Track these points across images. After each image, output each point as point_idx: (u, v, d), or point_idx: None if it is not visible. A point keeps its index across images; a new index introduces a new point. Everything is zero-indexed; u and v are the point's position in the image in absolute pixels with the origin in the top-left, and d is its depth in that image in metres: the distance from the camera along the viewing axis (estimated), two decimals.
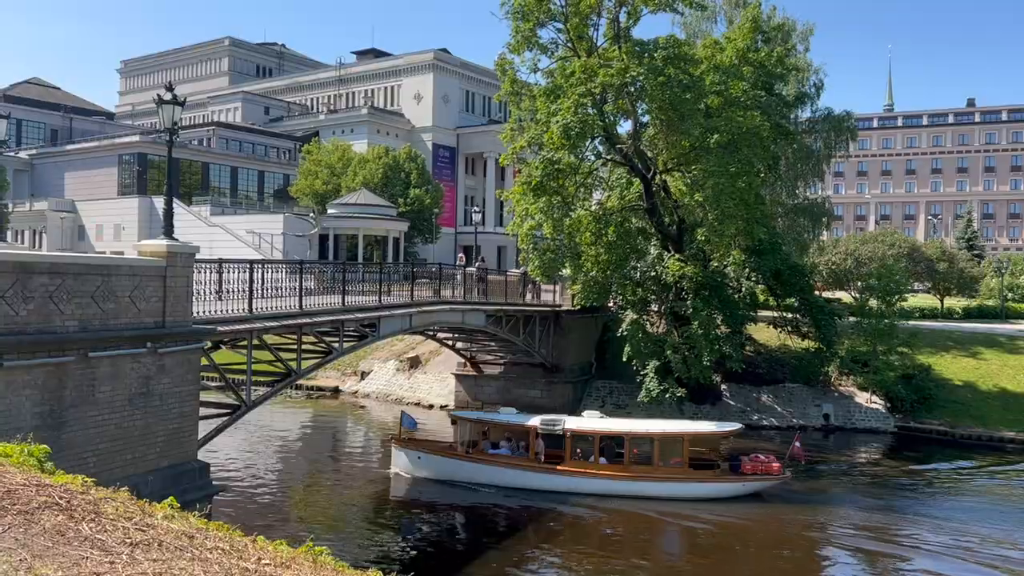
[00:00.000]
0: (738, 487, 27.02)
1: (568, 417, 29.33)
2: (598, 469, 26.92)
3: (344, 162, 64.03)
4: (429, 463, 28.39)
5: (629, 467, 26.89)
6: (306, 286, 23.17)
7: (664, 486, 26.62)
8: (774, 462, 27.29)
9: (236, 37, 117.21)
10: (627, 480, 26.66)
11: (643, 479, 26.62)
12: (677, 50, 33.42)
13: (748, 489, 27.13)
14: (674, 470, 26.91)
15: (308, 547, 6.96)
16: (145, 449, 15.34)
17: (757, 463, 27.25)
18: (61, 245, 74.87)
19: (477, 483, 27.44)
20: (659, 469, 26.84)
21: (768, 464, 27.23)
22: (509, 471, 27.52)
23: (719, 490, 26.93)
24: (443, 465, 28.08)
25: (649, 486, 26.51)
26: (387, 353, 48.67)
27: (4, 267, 12.80)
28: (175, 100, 17.24)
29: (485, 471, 27.68)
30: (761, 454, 28.27)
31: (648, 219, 38.37)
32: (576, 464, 27.09)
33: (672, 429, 28.61)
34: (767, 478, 27.22)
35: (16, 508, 5.52)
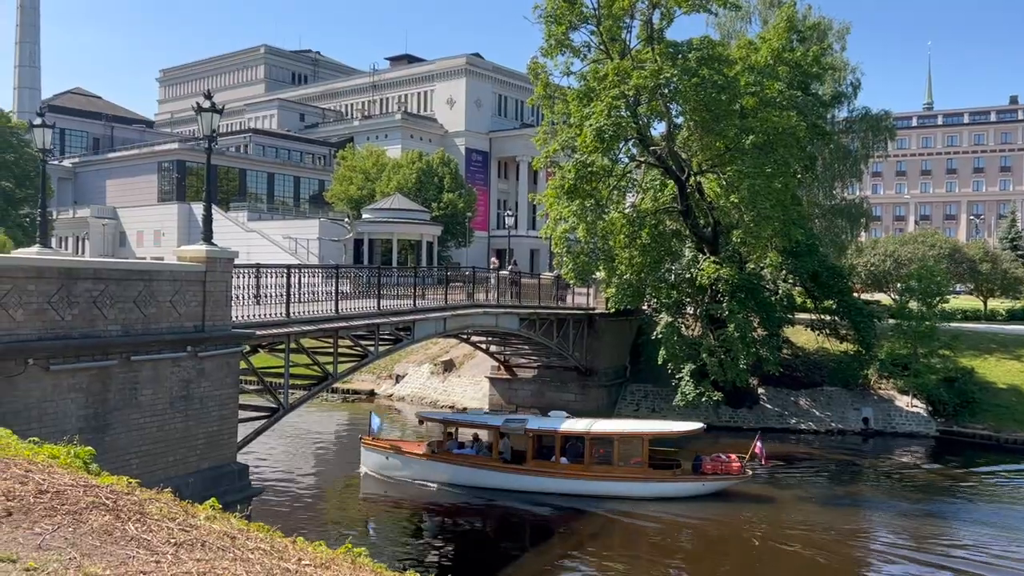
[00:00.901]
0: (698, 486, 27.27)
1: (532, 417, 30.09)
2: (559, 469, 27.28)
3: (378, 167, 64.54)
4: (396, 463, 28.84)
5: (590, 467, 27.20)
6: (341, 290, 23.39)
7: (623, 485, 26.94)
8: (734, 462, 27.52)
9: (272, 45, 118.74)
10: (587, 480, 26.96)
11: (603, 479, 26.95)
12: (711, 51, 33.19)
13: (708, 489, 27.31)
14: (634, 470, 27.24)
15: (347, 548, 7.03)
16: (186, 451, 15.59)
17: (717, 463, 27.56)
18: (103, 251, 76.42)
19: (442, 483, 27.84)
20: (619, 469, 27.22)
21: (728, 464, 27.49)
22: (473, 471, 27.90)
23: (678, 489, 27.21)
24: (410, 465, 28.52)
25: (609, 485, 26.85)
26: (421, 357, 48.90)
27: (50, 273, 13.11)
28: (214, 108, 17.52)
29: (450, 471, 28.09)
30: (723, 454, 28.47)
31: (682, 221, 38.11)
32: (538, 464, 27.50)
33: (632, 429, 28.95)
34: (727, 478, 27.46)
35: (65, 508, 5.65)
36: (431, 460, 28.41)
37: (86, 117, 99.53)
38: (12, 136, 69.25)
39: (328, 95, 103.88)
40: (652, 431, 28.67)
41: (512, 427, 28.12)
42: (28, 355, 12.50)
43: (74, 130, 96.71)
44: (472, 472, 27.79)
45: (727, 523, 25.40)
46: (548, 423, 29.03)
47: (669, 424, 31.31)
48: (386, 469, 28.99)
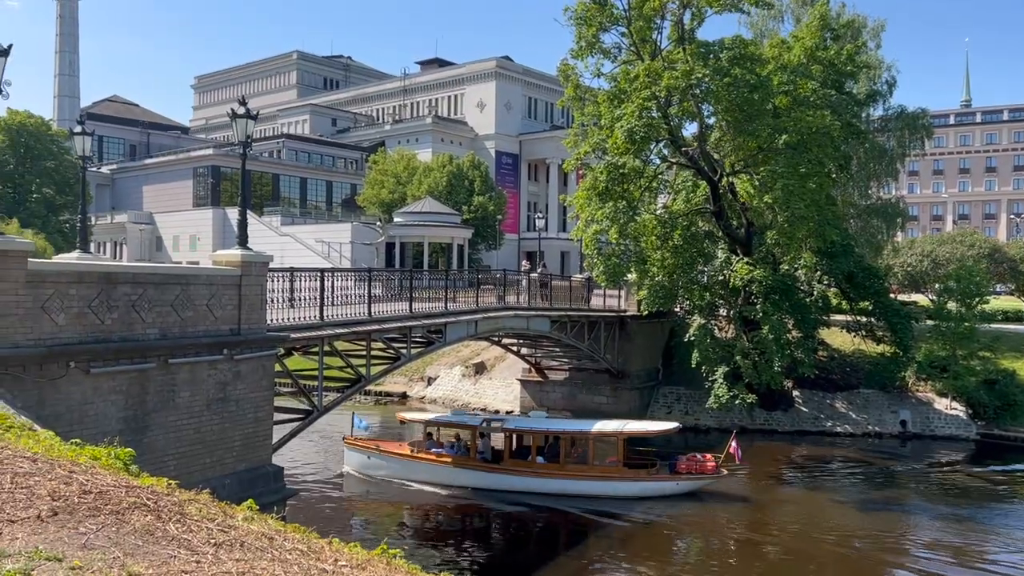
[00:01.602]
0: (672, 485, 27.43)
1: (511, 417, 30.46)
2: (535, 468, 27.55)
3: (409, 171, 64.93)
4: (378, 462, 29.12)
5: (565, 466, 27.44)
6: (374, 293, 23.54)
7: (598, 484, 27.17)
8: (709, 461, 27.64)
9: (304, 51, 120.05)
10: (563, 479, 27.18)
11: (578, 478, 27.17)
12: (743, 50, 32.93)
13: (683, 488, 27.45)
14: (609, 469, 27.52)
15: (382, 550, 7.07)
16: (222, 453, 15.78)
17: (692, 462, 27.73)
18: (140, 256, 77.78)
19: (422, 481, 28.16)
20: (594, 468, 27.45)
21: (703, 463, 27.63)
22: (451, 470, 28.20)
23: (653, 488, 27.40)
24: (391, 464, 28.84)
25: (584, 484, 27.07)
26: (453, 359, 49.03)
27: (90, 278, 13.36)
28: (248, 114, 17.74)
29: (430, 470, 28.40)
30: (699, 453, 28.61)
31: (715, 222, 37.82)
32: (515, 463, 27.79)
33: (607, 429, 29.01)
34: (701, 477, 27.56)
35: (108, 508, 5.74)
36: (411, 460, 28.83)
37: (123, 124, 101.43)
38: (52, 144, 70.75)
39: (359, 100, 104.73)
40: (628, 431, 28.78)
41: (490, 427, 28.59)
42: (70, 358, 12.73)
43: (112, 137, 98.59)
44: (451, 471, 28.20)
45: (759, 526, 25.14)
46: (526, 423, 29.53)
47: (646, 424, 31.51)
48: (368, 468, 29.44)
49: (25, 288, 12.20)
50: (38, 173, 69.31)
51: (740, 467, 32.42)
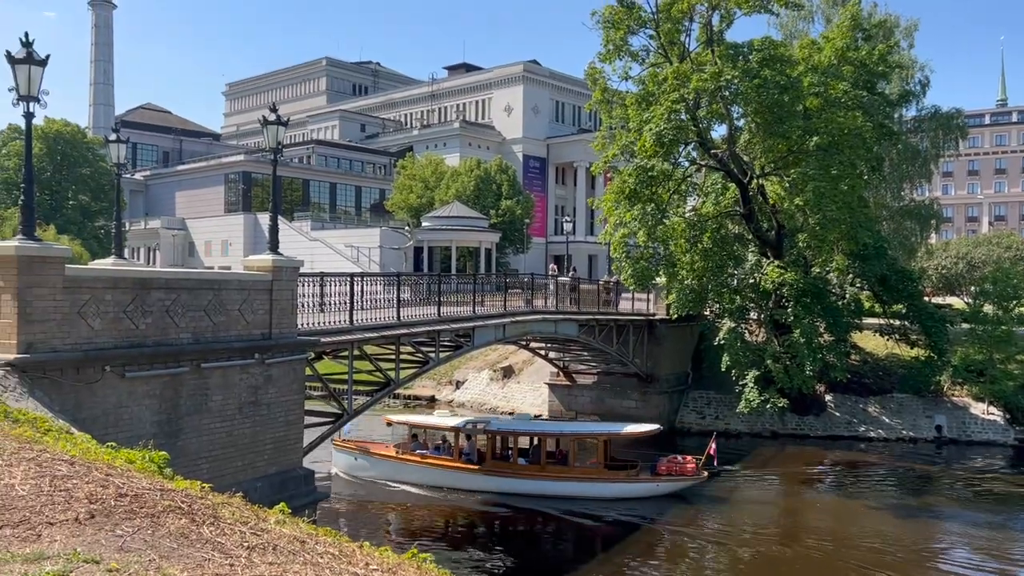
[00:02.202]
0: (652, 487, 27.47)
1: (495, 419, 30.93)
2: (517, 470, 27.82)
3: (437, 176, 65.19)
4: (365, 464, 29.35)
5: (546, 467, 27.68)
6: (402, 298, 23.65)
7: (578, 486, 27.34)
8: (689, 463, 27.71)
9: (333, 57, 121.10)
10: (544, 480, 27.40)
11: (559, 479, 27.39)
12: (773, 51, 32.67)
13: (663, 490, 27.50)
14: (589, 470, 27.73)
15: (412, 554, 7.09)
16: (254, 456, 15.93)
17: (672, 464, 27.79)
18: (173, 261, 78.88)
19: (408, 482, 28.42)
20: (574, 469, 27.65)
21: (683, 465, 27.68)
22: (436, 471, 28.43)
23: (633, 490, 27.46)
24: (377, 466, 29.05)
25: (564, 486, 27.25)
26: (481, 363, 49.10)
27: (125, 283, 13.57)
28: (279, 121, 17.91)
29: (415, 471, 28.66)
30: (680, 455, 28.64)
31: (745, 225, 37.52)
32: (496, 465, 27.98)
33: (588, 431, 29.65)
34: (681, 479, 27.57)
35: (144, 511, 5.83)
36: (397, 461, 29.09)
37: (156, 131, 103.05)
38: (88, 151, 72.04)
39: (388, 105, 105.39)
40: (608, 432, 29.16)
41: (474, 429, 28.89)
42: (105, 363, 12.94)
43: (145, 144, 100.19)
44: (435, 473, 28.47)
45: (793, 531, 24.86)
46: (509, 425, 29.81)
47: (627, 426, 31.76)
48: (355, 470, 29.74)
49: (62, 294, 12.42)
50: (74, 180, 70.61)
51: (774, 473, 32.22)
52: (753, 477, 31.57)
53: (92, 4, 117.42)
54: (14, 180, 66.93)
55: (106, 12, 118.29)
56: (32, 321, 12.02)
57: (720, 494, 28.99)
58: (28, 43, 12.52)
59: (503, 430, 29.07)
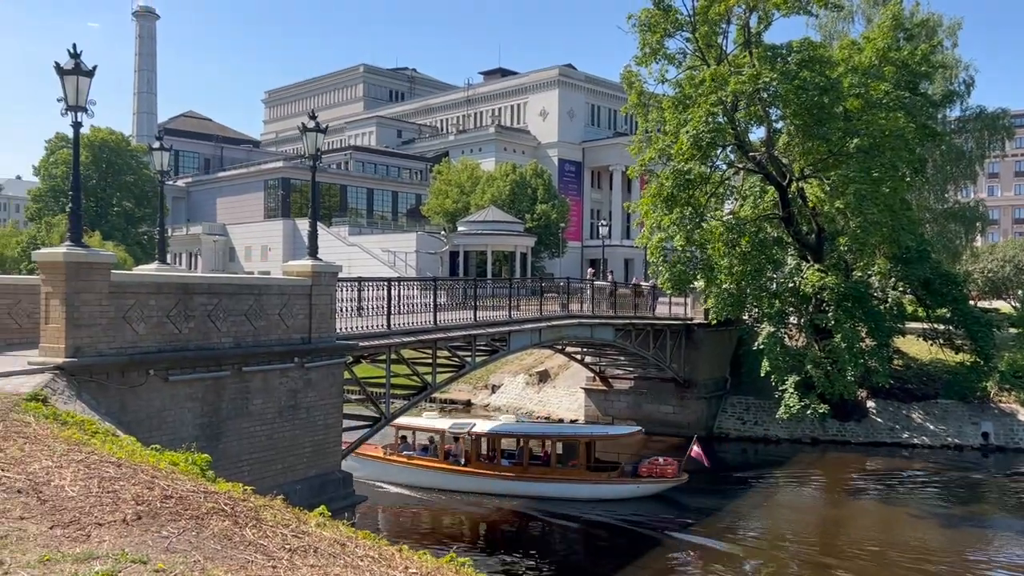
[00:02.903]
0: (632, 488, 27.83)
1: (480, 421, 31.48)
2: (499, 471, 28.31)
3: (473, 180, 65.45)
4: (354, 464, 29.61)
5: (528, 469, 28.17)
6: (438, 302, 23.76)
7: (560, 487, 27.74)
8: (670, 465, 28.04)
9: (370, 64, 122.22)
10: (525, 481, 27.87)
11: (540, 480, 27.90)
12: (812, 52, 32.27)
13: (643, 491, 27.83)
14: (570, 472, 28.10)
15: (451, 558, 7.11)
16: (294, 459, 16.10)
17: (654, 466, 28.10)
18: (214, 266, 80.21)
19: (395, 483, 28.95)
20: (556, 471, 28.13)
21: (664, 467, 28.00)
22: (422, 472, 28.85)
23: (613, 491, 27.80)
24: (366, 466, 29.25)
25: (546, 487, 27.70)
26: (516, 367, 49.10)
27: (169, 288, 13.81)
28: (318, 128, 18.12)
29: (402, 472, 29.14)
30: (662, 457, 28.99)
31: (784, 228, 37.06)
32: (480, 466, 28.45)
33: (570, 432, 30.22)
34: (662, 481, 27.88)
35: (188, 513, 5.93)
36: (384, 462, 29.50)
37: (198, 139, 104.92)
38: (132, 159, 73.60)
39: (424, 111, 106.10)
40: (590, 435, 29.68)
41: (458, 431, 29.22)
42: (149, 367, 13.17)
43: (187, 151, 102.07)
44: (421, 473, 28.85)
45: (835, 539, 24.45)
46: (494, 427, 30.21)
47: (608, 428, 32.73)
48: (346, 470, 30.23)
49: (108, 299, 12.68)
50: (118, 187, 72.19)
51: (814, 480, 31.76)
52: (793, 484, 31.15)
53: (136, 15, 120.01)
54: (62, 187, 68.62)
55: (149, 23, 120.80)
56: (79, 326, 12.28)
57: (759, 501, 28.68)
58: (76, 54, 12.82)
59: (487, 432, 29.58)
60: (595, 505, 26.89)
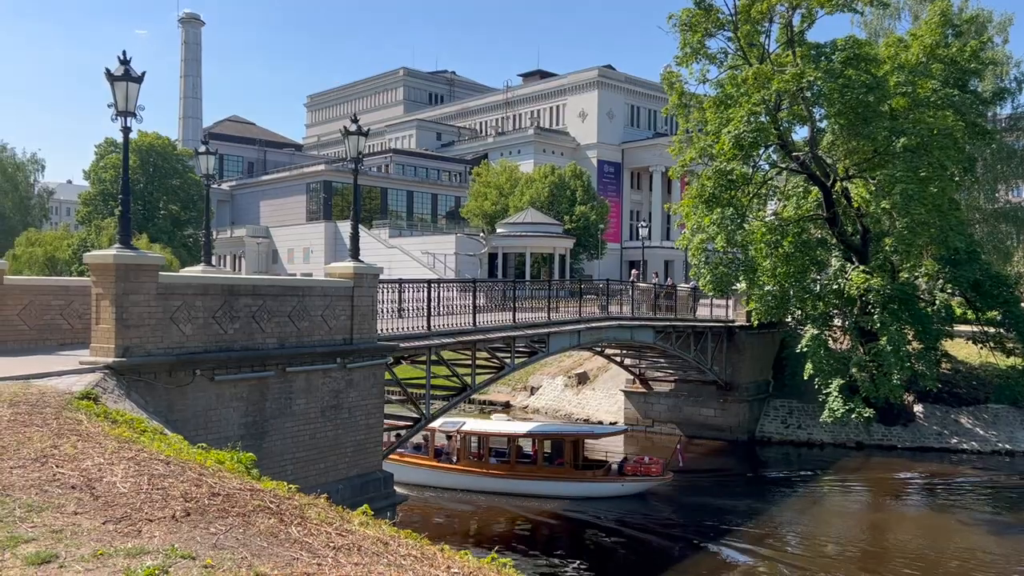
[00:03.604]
0: (617, 487, 28.29)
1: (469, 420, 32.09)
2: (488, 468, 28.74)
3: (511, 182, 65.54)
4: None
5: (516, 467, 28.63)
6: (477, 304, 23.83)
7: (545, 485, 28.18)
8: (655, 464, 28.68)
9: (410, 68, 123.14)
10: (513, 479, 28.32)
11: (528, 478, 28.32)
12: (857, 51, 31.79)
13: (628, 490, 28.27)
14: (557, 470, 28.58)
15: (492, 558, 7.12)
16: (336, 459, 16.27)
17: (639, 465, 28.75)
18: (257, 268, 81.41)
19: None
20: (543, 469, 28.61)
21: (648, 466, 28.59)
22: (413, 469, 29.07)
23: (598, 490, 28.20)
24: None
25: (532, 485, 28.16)
26: (555, 369, 49.03)
27: (215, 290, 14.05)
28: (360, 131, 18.31)
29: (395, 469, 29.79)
30: (647, 456, 29.84)
31: (828, 229, 36.50)
32: (469, 464, 28.91)
33: (556, 432, 30.53)
34: (647, 479, 28.37)
35: (235, 510, 6.03)
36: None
37: (241, 143, 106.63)
38: (178, 163, 75.06)
39: (463, 113, 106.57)
40: (577, 434, 30.07)
41: (448, 429, 29.49)
42: (196, 367, 13.42)
43: (231, 155, 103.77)
44: (413, 471, 29.03)
45: (879, 546, 23.98)
46: (482, 425, 30.69)
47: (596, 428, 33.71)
48: None
49: (156, 300, 12.94)
50: (165, 191, 73.63)
51: (859, 485, 31.21)
52: (837, 489, 30.65)
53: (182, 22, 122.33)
54: (111, 191, 70.21)
55: (195, 29, 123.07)
56: (128, 326, 12.56)
57: (803, 506, 28.28)
58: (125, 61, 13.11)
59: (475, 431, 29.98)
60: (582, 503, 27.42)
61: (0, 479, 6.34)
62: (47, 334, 16.00)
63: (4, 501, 5.79)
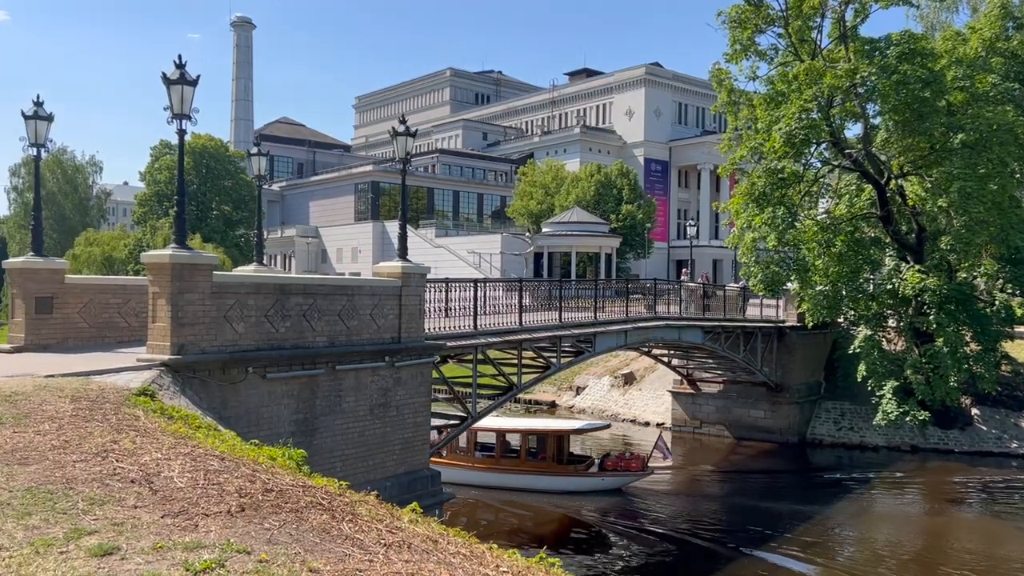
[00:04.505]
0: (597, 482, 28.87)
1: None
2: (473, 462, 29.25)
3: (557, 181, 65.42)
4: None
5: (500, 461, 29.28)
6: (523, 303, 23.82)
7: (527, 479, 28.68)
8: (635, 460, 29.25)
9: (457, 68, 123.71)
10: (497, 473, 28.93)
11: (511, 472, 28.90)
12: (913, 45, 30.99)
13: (608, 484, 28.84)
14: (538, 464, 29.08)
15: (540, 558, 7.12)
16: (384, 456, 16.43)
17: (619, 460, 29.36)
18: (307, 267, 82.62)
19: None
20: (527, 463, 29.15)
21: (628, 462, 29.17)
22: None
23: (577, 484, 28.81)
24: None
25: (515, 479, 28.72)
26: (601, 369, 48.81)
27: (267, 289, 14.30)
28: (408, 132, 18.45)
29: None
30: (628, 452, 30.61)
31: (882, 227, 35.68)
32: (455, 457, 29.22)
33: (541, 427, 31.26)
34: (627, 474, 28.94)
35: (288, 506, 6.12)
36: None
37: (291, 144, 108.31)
38: (230, 164, 76.52)
39: (509, 113, 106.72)
40: (559, 429, 30.59)
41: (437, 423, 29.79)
42: (248, 364, 13.67)
43: (281, 156, 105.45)
44: None
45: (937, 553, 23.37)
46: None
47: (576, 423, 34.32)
48: None
49: (210, 299, 13.22)
50: (217, 192, 75.11)
51: (913, 490, 30.49)
52: (891, 493, 29.97)
53: (234, 26, 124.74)
54: (165, 192, 71.86)
55: (246, 32, 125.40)
56: (183, 324, 12.84)
57: (855, 511, 27.70)
58: (181, 65, 13.39)
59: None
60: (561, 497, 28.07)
61: (64, 472, 6.54)
62: (105, 331, 16.47)
63: (68, 494, 5.97)
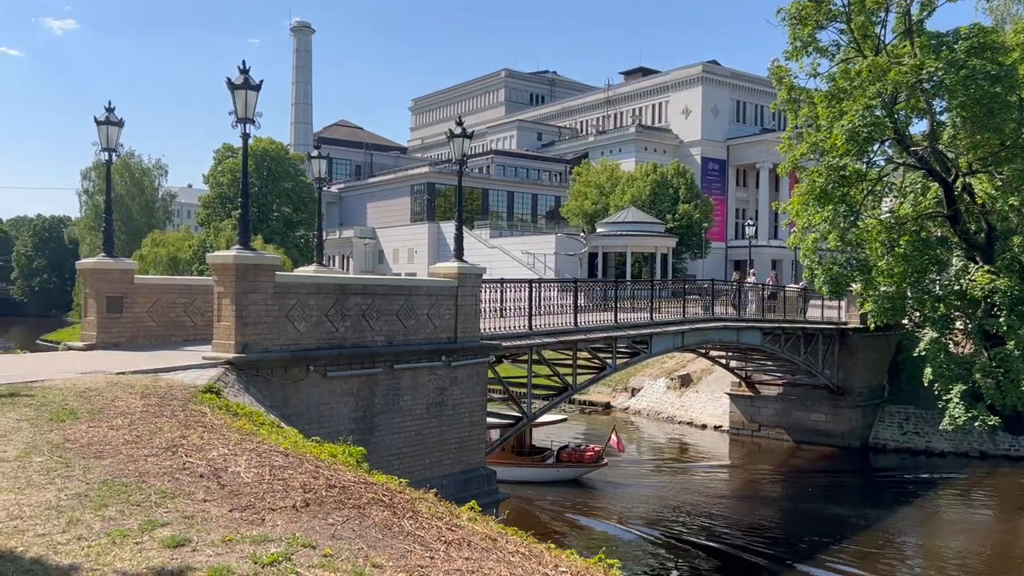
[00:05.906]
0: (552, 472, 29.62)
1: None
2: None
3: (612, 181, 65.03)
4: None
5: None
6: (578, 304, 23.77)
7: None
8: (589, 451, 30.22)
9: (512, 69, 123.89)
10: None
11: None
12: (983, 39, 29.98)
13: (563, 475, 29.63)
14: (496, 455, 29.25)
15: (599, 558, 7.11)
16: (440, 455, 16.59)
17: (574, 452, 30.28)
18: (364, 268, 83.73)
19: None
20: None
21: (583, 453, 30.18)
22: None
23: (533, 475, 29.38)
24: None
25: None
26: (657, 371, 48.38)
27: (327, 289, 14.57)
28: (464, 133, 18.58)
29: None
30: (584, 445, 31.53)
31: (949, 227, 34.62)
32: None
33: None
34: (581, 465, 29.83)
35: (351, 502, 6.24)
36: None
37: (349, 146, 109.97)
38: (290, 167, 78.09)
39: (564, 113, 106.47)
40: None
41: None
42: (309, 363, 13.95)
43: (339, 158, 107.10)
44: None
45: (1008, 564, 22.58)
46: None
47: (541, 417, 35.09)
48: None
49: (273, 299, 13.53)
50: (278, 194, 76.75)
51: (982, 498, 29.55)
52: (958, 501, 29.06)
53: (294, 30, 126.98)
54: (228, 194, 73.71)
55: (306, 37, 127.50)
56: (247, 324, 13.17)
57: (921, 518, 26.95)
58: (245, 70, 13.72)
59: None
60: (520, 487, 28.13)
61: (136, 466, 6.77)
62: (172, 330, 16.98)
63: (141, 487, 6.18)
